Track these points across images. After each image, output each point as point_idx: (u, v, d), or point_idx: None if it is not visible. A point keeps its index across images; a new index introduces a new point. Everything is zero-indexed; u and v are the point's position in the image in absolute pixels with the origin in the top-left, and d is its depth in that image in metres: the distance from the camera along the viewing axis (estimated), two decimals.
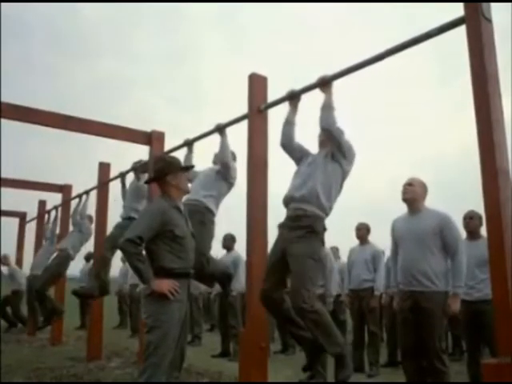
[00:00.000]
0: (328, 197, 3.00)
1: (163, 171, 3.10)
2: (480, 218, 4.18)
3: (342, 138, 3.03)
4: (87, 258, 9.78)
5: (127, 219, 5.28)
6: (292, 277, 2.93)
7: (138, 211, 5.27)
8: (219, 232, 6.96)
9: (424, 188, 3.79)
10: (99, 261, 5.23)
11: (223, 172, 4.10)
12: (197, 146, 4.62)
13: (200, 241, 3.52)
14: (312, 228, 2.91)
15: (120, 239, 2.89)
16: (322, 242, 3.02)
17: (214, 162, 4.35)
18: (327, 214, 3.05)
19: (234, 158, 4.27)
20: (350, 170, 3.13)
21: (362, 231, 5.65)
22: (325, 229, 3.02)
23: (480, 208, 2.12)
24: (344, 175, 3.10)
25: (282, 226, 3.11)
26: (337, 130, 3.01)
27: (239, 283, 6.33)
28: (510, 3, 2.74)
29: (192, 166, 3.79)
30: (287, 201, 3.10)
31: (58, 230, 8.10)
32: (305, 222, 2.93)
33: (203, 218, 3.84)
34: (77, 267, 6.85)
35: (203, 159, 4.68)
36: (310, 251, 2.88)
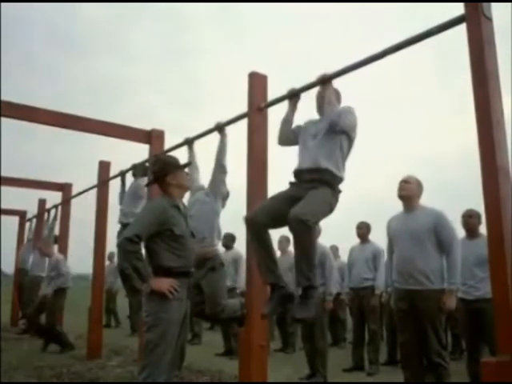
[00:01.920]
0: (338, 167, 2.92)
1: (162, 172, 3.10)
2: (479, 216, 4.18)
3: (349, 125, 2.92)
4: (110, 257, 9.71)
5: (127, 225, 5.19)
6: (302, 201, 2.76)
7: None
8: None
9: (420, 186, 3.80)
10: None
11: (214, 185, 4.07)
12: (197, 144, 4.62)
13: (213, 290, 3.65)
14: (328, 183, 2.84)
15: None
16: (337, 199, 2.92)
17: (207, 194, 4.19)
18: (340, 179, 2.96)
19: (227, 195, 4.21)
20: (356, 134, 3.02)
21: (363, 230, 5.66)
22: (339, 190, 2.94)
23: (479, 207, 2.13)
24: (350, 141, 3.00)
25: (295, 183, 3.00)
26: (344, 125, 2.91)
27: (242, 282, 6.34)
28: (509, 3, 2.73)
29: (189, 163, 3.77)
30: (298, 174, 3.00)
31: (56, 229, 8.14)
32: (319, 175, 2.85)
33: (214, 263, 3.86)
34: (86, 265, 6.86)
35: (203, 158, 4.67)
36: (324, 193, 2.80)
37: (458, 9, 2.35)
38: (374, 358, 5.35)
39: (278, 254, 6.79)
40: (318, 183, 2.84)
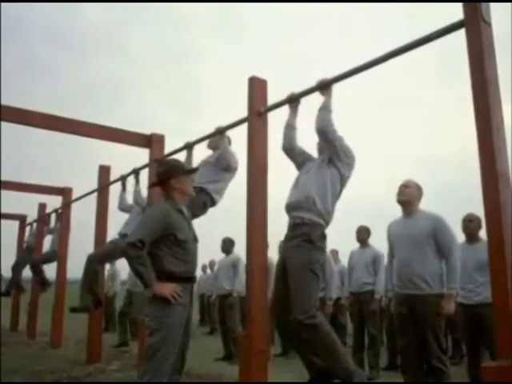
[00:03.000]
0: (324, 202, 2.97)
1: (167, 175, 3.09)
2: (479, 220, 4.17)
3: (336, 140, 3.00)
4: None
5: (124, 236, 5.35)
6: (290, 288, 2.89)
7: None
8: (219, 236, 6.98)
9: (419, 190, 3.80)
10: (90, 274, 5.20)
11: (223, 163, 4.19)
12: (197, 148, 4.63)
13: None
14: (309, 236, 2.90)
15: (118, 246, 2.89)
16: (322, 250, 2.99)
17: (210, 147, 4.42)
18: (326, 221, 3.02)
19: (229, 142, 4.29)
20: (350, 176, 3.10)
21: (363, 234, 5.65)
22: (323, 236, 3.00)
23: (480, 210, 2.12)
24: (342, 180, 3.07)
25: (284, 238, 3.14)
26: (332, 132, 2.99)
27: (240, 284, 6.34)
28: (509, 3, 2.72)
29: (196, 169, 3.77)
30: (287, 209, 3.12)
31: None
32: (302, 230, 2.93)
33: (196, 191, 3.89)
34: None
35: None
36: (306, 261, 2.86)
37: (458, 8, 2.34)
38: (374, 363, 5.33)
39: None
40: (300, 239, 2.91)
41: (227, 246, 6.81)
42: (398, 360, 5.50)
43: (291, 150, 3.30)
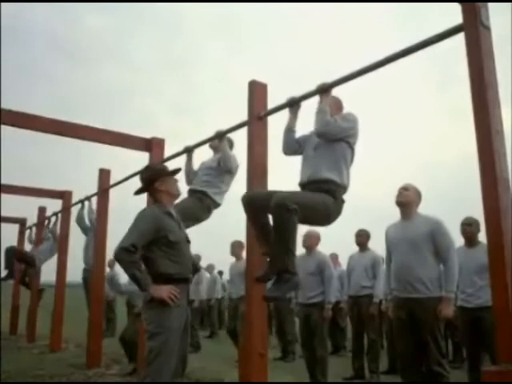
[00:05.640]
0: (341, 176, 2.93)
1: (150, 179, 3.14)
2: (478, 224, 4.18)
3: (337, 134, 2.93)
4: (110, 264, 9.59)
5: None
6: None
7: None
8: (218, 239, 6.95)
9: (418, 194, 3.82)
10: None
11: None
12: (197, 152, 4.63)
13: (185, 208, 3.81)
14: (333, 192, 2.85)
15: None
16: (339, 212, 2.92)
17: (211, 146, 4.42)
18: (345, 189, 2.97)
19: (231, 145, 4.30)
20: (357, 139, 3.03)
21: (362, 237, 5.65)
22: (343, 201, 2.94)
23: (481, 214, 2.12)
24: (353, 148, 3.02)
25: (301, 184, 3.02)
26: (329, 131, 2.93)
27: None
28: (509, 3, 2.71)
29: (179, 169, 3.67)
30: (302, 185, 3.03)
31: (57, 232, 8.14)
32: (324, 188, 2.86)
33: (199, 196, 4.06)
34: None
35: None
36: (323, 197, 2.80)
37: (457, 8, 2.34)
38: (373, 367, 5.32)
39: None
40: (323, 190, 2.85)
41: (236, 249, 6.77)
42: (398, 364, 5.50)
43: (292, 151, 3.30)
